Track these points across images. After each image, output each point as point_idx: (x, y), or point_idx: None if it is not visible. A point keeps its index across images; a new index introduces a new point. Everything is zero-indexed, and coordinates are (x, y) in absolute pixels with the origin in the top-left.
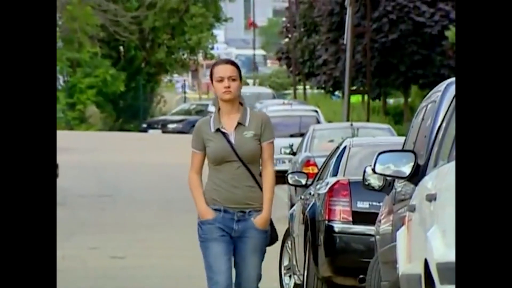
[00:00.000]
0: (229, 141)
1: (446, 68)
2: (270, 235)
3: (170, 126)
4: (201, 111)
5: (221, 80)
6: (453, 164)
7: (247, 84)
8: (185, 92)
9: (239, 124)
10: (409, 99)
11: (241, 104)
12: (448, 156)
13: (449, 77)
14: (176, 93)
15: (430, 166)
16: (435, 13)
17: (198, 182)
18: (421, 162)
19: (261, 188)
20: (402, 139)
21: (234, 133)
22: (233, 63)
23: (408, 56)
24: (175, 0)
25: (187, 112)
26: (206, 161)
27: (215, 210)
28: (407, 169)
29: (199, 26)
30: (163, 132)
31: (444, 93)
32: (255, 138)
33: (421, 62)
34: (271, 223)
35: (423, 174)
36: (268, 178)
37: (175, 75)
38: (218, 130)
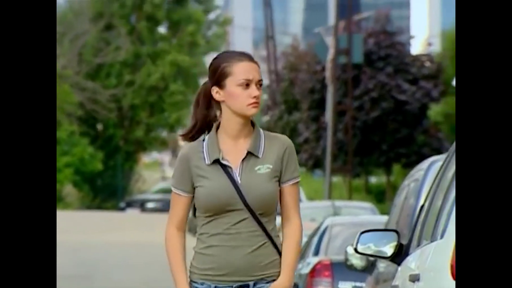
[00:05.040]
0: (233, 180)
1: (428, 147)
2: None
3: (149, 205)
4: None
5: (247, 84)
6: (436, 244)
7: None
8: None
9: (249, 154)
10: (392, 177)
11: (252, 124)
12: (431, 236)
13: (431, 155)
14: (160, 171)
15: (413, 246)
16: (416, 91)
17: (179, 244)
18: (404, 241)
19: (277, 251)
20: (385, 218)
21: (241, 168)
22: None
23: (390, 134)
24: (154, 78)
25: (166, 191)
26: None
27: None
28: (389, 249)
29: (178, 103)
30: (142, 211)
31: (427, 171)
32: (274, 176)
33: (403, 141)
34: None
35: (406, 254)
36: (294, 233)
37: (154, 153)
38: (216, 161)
